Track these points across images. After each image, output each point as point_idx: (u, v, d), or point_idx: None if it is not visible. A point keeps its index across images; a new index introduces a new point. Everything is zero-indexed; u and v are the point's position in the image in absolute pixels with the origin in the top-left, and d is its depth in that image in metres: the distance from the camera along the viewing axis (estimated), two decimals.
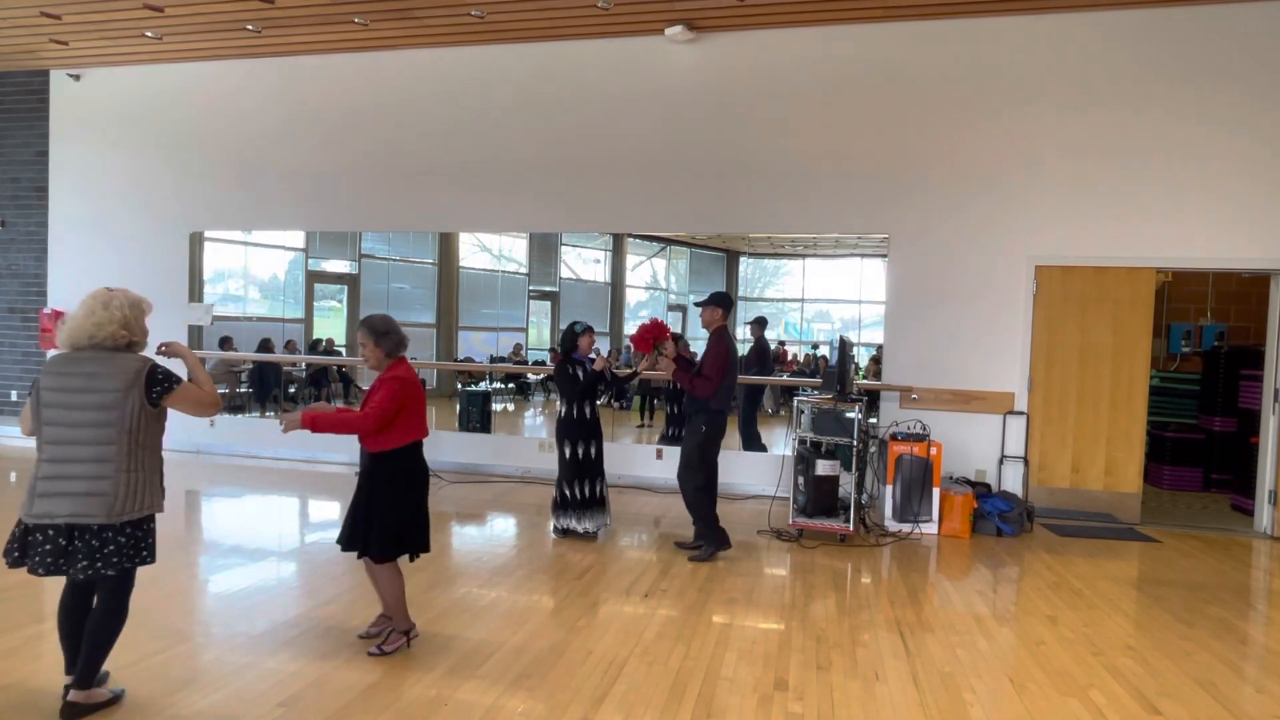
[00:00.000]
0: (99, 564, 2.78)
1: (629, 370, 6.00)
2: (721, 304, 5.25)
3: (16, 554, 2.81)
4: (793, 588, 4.66)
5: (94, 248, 8.75)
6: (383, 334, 3.47)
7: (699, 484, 5.15)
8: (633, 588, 4.53)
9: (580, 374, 5.32)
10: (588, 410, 5.40)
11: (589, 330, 5.37)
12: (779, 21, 6.79)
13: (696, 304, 5.35)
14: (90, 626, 2.87)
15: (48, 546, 2.77)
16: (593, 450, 5.42)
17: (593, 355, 5.47)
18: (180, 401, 2.92)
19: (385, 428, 3.39)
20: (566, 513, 5.41)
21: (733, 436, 6.19)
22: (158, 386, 2.85)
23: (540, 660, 3.50)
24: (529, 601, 4.26)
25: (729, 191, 7.13)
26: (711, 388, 5.06)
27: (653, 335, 5.25)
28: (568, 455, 5.36)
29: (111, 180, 8.69)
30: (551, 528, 5.55)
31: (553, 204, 7.55)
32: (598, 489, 5.49)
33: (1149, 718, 3.16)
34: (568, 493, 5.39)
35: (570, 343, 5.36)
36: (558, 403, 5.45)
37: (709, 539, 5.17)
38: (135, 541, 2.86)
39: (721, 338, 5.16)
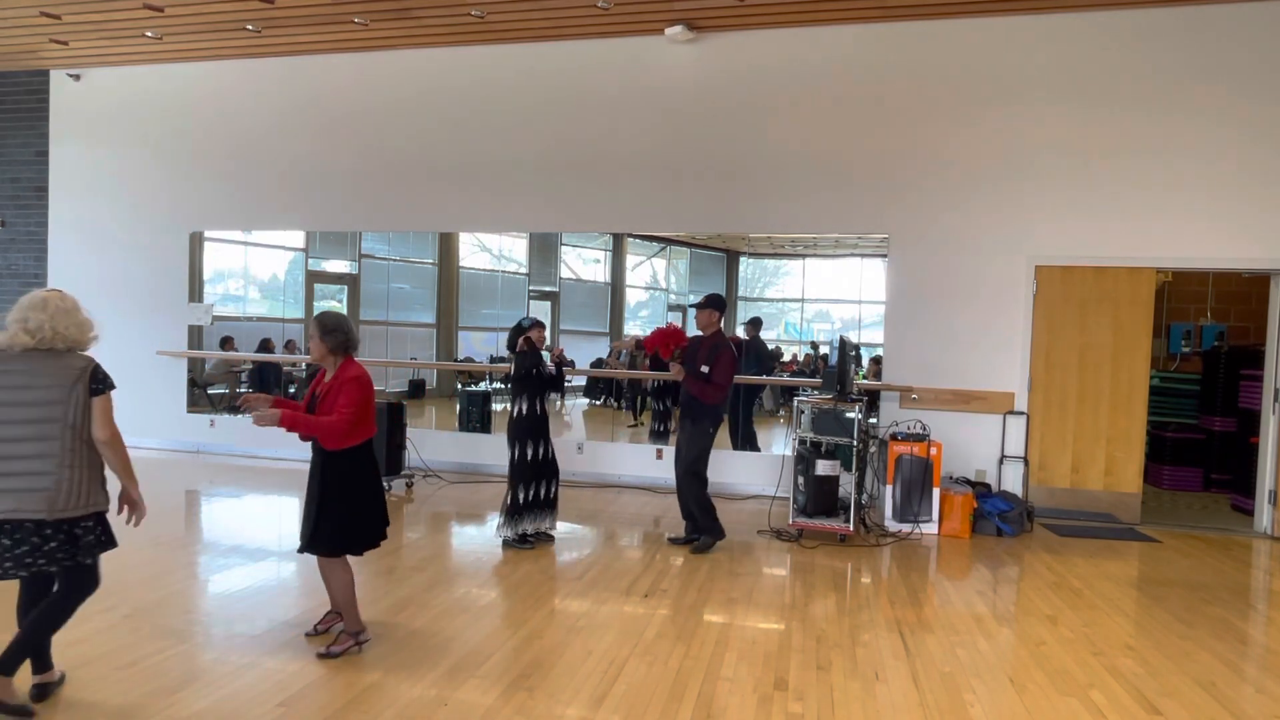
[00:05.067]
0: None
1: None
2: (720, 306, 5.40)
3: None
4: (793, 588, 4.66)
5: (94, 248, 8.76)
6: (329, 330, 3.47)
7: (705, 483, 5.33)
8: (633, 588, 4.53)
9: (540, 368, 5.26)
10: (539, 407, 5.28)
11: (537, 324, 5.28)
12: (779, 21, 6.79)
13: (692, 305, 5.48)
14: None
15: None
16: (549, 450, 5.35)
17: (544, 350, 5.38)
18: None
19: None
20: (522, 518, 5.21)
21: (723, 436, 6.26)
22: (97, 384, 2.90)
23: (540, 660, 3.51)
24: (529, 601, 4.26)
25: (729, 191, 7.14)
26: (722, 394, 5.24)
27: (672, 341, 5.49)
28: (530, 456, 5.21)
29: (111, 180, 8.69)
30: (506, 538, 5.24)
31: (553, 204, 7.55)
32: (554, 490, 5.40)
33: (1149, 718, 3.16)
34: (523, 496, 5.20)
35: (520, 338, 5.24)
36: (518, 402, 5.24)
37: (711, 530, 5.33)
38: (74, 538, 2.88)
39: (727, 344, 5.29)
